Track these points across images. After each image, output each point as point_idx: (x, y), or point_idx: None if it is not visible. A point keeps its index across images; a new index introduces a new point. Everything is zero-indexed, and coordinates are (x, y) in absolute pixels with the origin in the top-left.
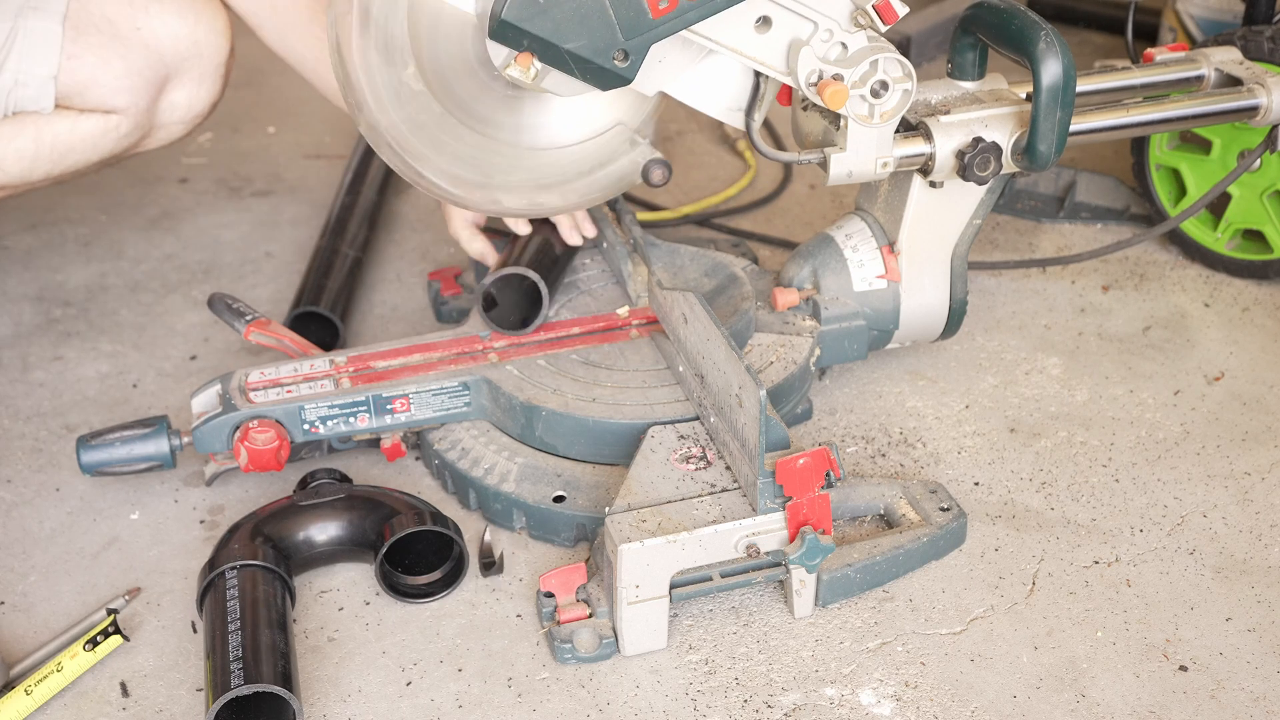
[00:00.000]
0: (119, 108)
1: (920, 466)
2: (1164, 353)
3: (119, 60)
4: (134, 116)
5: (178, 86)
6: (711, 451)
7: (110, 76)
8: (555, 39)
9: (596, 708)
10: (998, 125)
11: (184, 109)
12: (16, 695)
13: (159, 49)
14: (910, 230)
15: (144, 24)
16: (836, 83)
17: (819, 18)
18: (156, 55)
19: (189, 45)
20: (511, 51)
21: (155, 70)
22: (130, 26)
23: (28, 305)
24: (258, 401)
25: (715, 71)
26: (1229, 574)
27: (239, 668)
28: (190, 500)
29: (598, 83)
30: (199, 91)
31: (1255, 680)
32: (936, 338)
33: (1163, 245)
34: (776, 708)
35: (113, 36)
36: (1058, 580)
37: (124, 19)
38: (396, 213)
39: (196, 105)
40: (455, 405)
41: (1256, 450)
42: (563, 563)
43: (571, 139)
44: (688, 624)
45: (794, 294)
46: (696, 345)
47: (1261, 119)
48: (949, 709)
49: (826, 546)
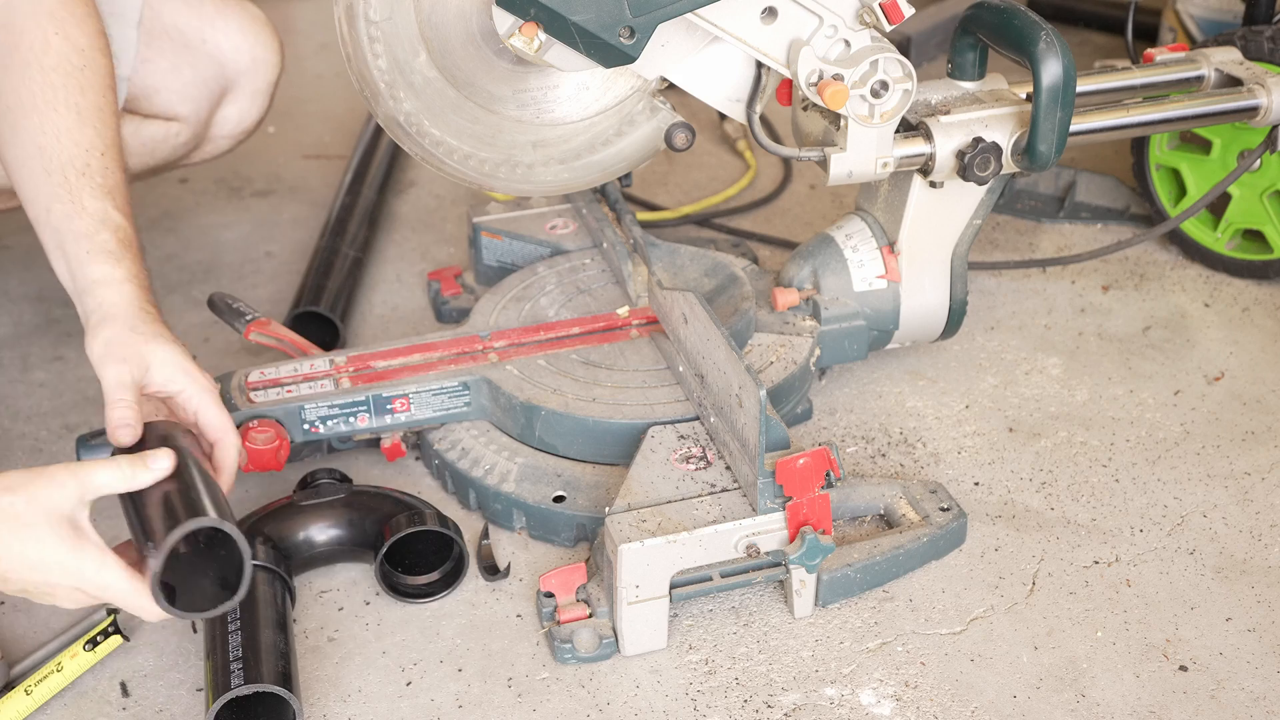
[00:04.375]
0: (181, 115)
1: (920, 466)
2: (1164, 353)
3: (188, 68)
4: (193, 126)
5: (232, 101)
6: (711, 451)
7: (179, 83)
8: (563, 9)
9: (596, 708)
10: (998, 125)
11: (234, 123)
12: (16, 695)
13: (222, 61)
14: (910, 230)
15: (210, 37)
16: (837, 83)
17: (825, 12)
18: (219, 67)
19: (248, 62)
20: (516, 20)
21: (217, 82)
22: (198, 38)
23: (28, 305)
24: (258, 401)
25: (717, 60)
26: (1229, 574)
27: (239, 667)
28: None
29: (601, 59)
30: (250, 108)
31: (1255, 680)
32: (936, 338)
33: (1163, 245)
34: (776, 708)
35: (183, 45)
36: (1058, 580)
37: (193, 30)
38: (396, 213)
39: (246, 121)
40: (455, 405)
41: (1256, 450)
42: (563, 563)
43: (591, 109)
44: (688, 624)
45: (794, 294)
46: (696, 345)
47: (1261, 119)
48: (949, 709)
49: (826, 546)
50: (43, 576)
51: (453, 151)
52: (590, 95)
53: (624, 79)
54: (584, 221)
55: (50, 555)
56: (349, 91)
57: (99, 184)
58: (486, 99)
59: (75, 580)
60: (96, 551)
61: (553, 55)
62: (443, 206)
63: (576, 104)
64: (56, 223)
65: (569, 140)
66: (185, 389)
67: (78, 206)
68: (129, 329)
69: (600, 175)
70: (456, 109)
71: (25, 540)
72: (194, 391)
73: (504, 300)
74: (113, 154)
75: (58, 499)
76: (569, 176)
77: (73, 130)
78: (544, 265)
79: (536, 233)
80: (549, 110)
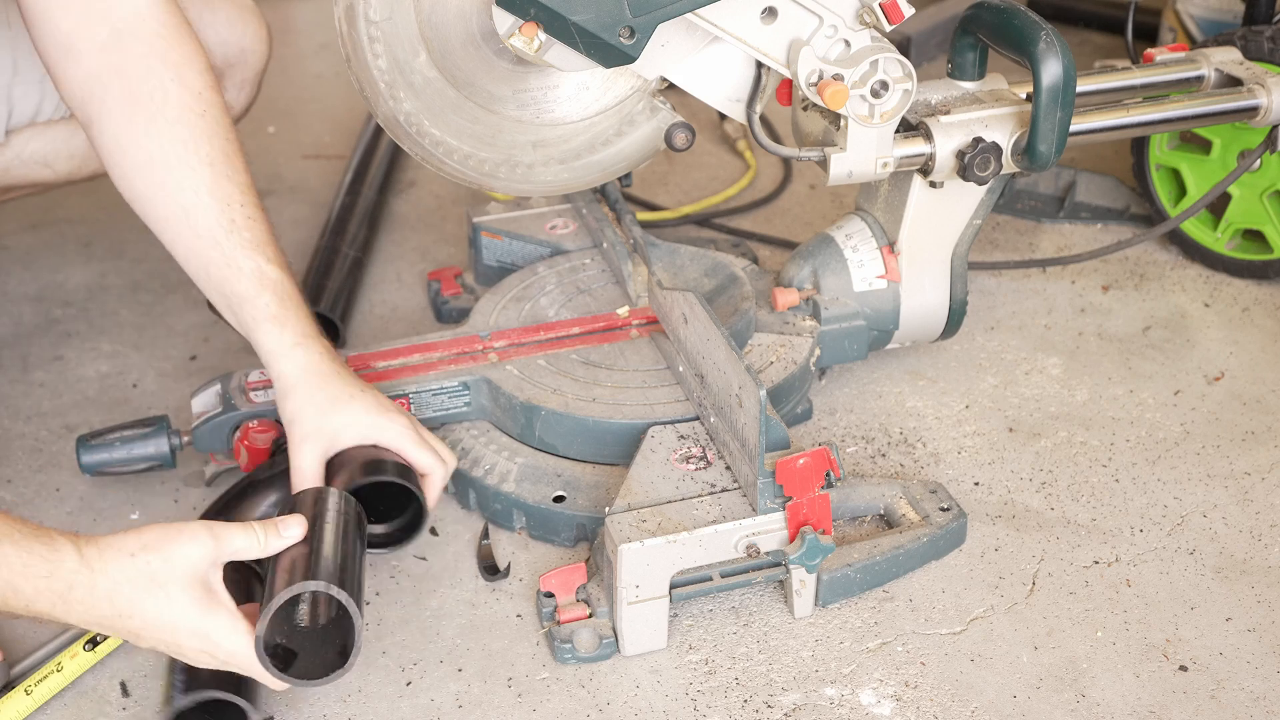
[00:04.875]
0: None
1: (920, 466)
2: (1164, 353)
3: None
4: None
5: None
6: (711, 451)
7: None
8: (563, 9)
9: (596, 708)
10: (998, 125)
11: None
12: (16, 695)
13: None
14: (910, 230)
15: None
16: (837, 83)
17: (825, 12)
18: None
19: (237, 52)
20: (516, 20)
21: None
22: None
23: (28, 305)
24: (258, 401)
25: (717, 60)
26: (1229, 574)
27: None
28: (190, 500)
29: (601, 59)
30: (239, 96)
31: (1255, 680)
32: (936, 338)
33: (1163, 245)
34: (776, 708)
35: None
36: (1058, 580)
37: None
38: (396, 213)
39: (235, 109)
40: (455, 405)
41: (1256, 450)
42: (563, 563)
43: (591, 109)
44: (688, 624)
45: (794, 294)
46: (696, 345)
47: (1261, 119)
48: (949, 709)
49: (826, 546)
50: (172, 637)
51: (453, 151)
52: (590, 95)
53: (624, 79)
54: (584, 221)
55: (181, 618)
56: (349, 91)
57: (247, 239)
58: (486, 99)
59: (203, 644)
60: (227, 616)
61: (553, 55)
62: (443, 206)
63: (576, 104)
64: (218, 286)
65: (569, 140)
66: (381, 439)
67: (234, 270)
68: (309, 401)
69: (600, 175)
70: (456, 109)
71: (159, 600)
72: (391, 437)
73: (504, 300)
74: (251, 199)
75: (195, 559)
76: (569, 176)
77: (211, 187)
78: (544, 265)
79: (536, 233)
80: (549, 110)
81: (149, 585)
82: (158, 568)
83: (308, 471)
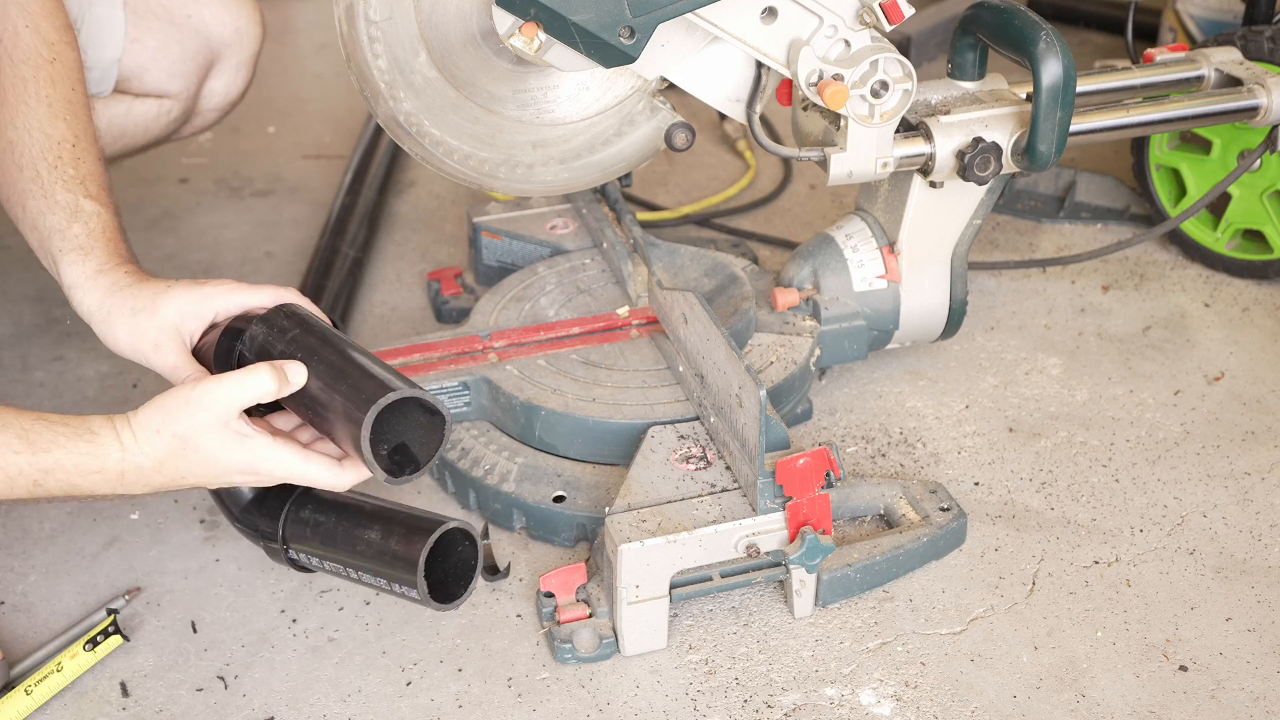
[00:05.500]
0: (172, 92)
1: (920, 466)
2: (1164, 353)
3: (176, 45)
4: (184, 101)
5: (218, 74)
6: (711, 451)
7: (167, 61)
8: (563, 9)
9: (596, 708)
10: (998, 125)
11: (221, 95)
12: (16, 695)
13: (207, 35)
14: (910, 230)
15: (194, 11)
16: (837, 83)
17: (825, 12)
18: (204, 41)
19: (231, 34)
20: (516, 20)
21: (204, 56)
22: (183, 13)
23: (28, 305)
24: None
25: (717, 60)
26: (1229, 574)
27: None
28: (190, 500)
29: (601, 59)
30: (235, 79)
31: (1255, 680)
32: (936, 338)
33: (1163, 245)
34: (776, 708)
35: (169, 22)
36: (1058, 580)
37: (177, 6)
38: (396, 213)
39: (231, 92)
40: (455, 405)
41: (1256, 450)
42: (563, 563)
43: (591, 109)
44: (688, 624)
45: (794, 294)
46: (696, 345)
47: (1261, 119)
48: (949, 709)
49: (826, 546)
50: (231, 478)
51: (453, 151)
52: (590, 95)
53: (624, 79)
54: (584, 221)
55: (228, 461)
56: (349, 91)
57: (70, 175)
58: (486, 99)
59: (255, 476)
60: (264, 443)
61: (553, 55)
62: (443, 206)
63: (576, 104)
64: (33, 221)
65: (569, 140)
66: (216, 309)
67: (49, 202)
68: (129, 311)
69: (600, 175)
70: (456, 109)
71: (201, 457)
72: (222, 303)
73: (504, 300)
74: (85, 144)
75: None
76: (569, 176)
77: (44, 124)
78: (544, 265)
79: (536, 233)
80: (549, 110)
81: (184, 450)
82: (186, 433)
83: (183, 368)
